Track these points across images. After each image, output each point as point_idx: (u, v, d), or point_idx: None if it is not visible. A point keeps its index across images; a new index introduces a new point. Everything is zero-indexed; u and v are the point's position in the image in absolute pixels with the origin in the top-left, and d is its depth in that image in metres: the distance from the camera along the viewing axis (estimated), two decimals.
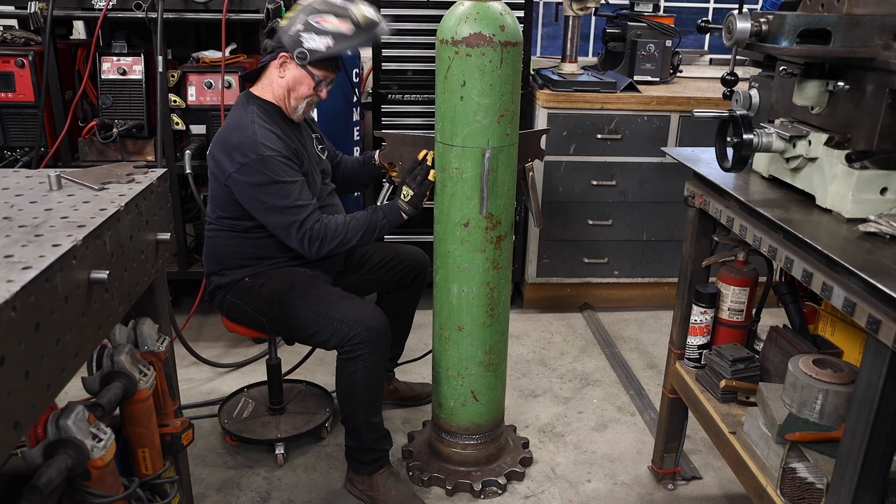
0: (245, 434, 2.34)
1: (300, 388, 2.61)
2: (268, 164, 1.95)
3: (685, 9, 3.95)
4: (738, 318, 1.93)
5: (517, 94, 1.93)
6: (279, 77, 2.06)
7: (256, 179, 1.96)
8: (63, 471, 1.09)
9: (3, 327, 0.85)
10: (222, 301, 2.18)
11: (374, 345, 1.97)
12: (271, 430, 2.36)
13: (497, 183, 1.95)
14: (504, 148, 1.93)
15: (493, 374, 2.16)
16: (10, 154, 2.75)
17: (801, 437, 1.48)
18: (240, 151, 1.96)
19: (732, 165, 1.59)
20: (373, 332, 1.96)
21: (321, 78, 2.05)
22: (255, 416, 2.44)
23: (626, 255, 3.30)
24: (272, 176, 1.96)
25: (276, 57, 2.04)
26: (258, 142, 1.96)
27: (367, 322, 1.97)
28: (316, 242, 2.00)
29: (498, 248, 2.02)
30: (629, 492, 2.21)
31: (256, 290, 2.10)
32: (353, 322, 1.96)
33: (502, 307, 2.11)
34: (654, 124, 3.09)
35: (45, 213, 1.20)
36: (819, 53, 1.41)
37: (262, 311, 2.10)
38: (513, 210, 2.06)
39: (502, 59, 1.83)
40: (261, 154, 1.95)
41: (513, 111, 1.92)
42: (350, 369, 1.99)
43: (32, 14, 2.55)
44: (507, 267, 2.07)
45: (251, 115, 2.02)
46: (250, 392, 2.57)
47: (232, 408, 2.48)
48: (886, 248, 1.28)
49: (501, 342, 2.16)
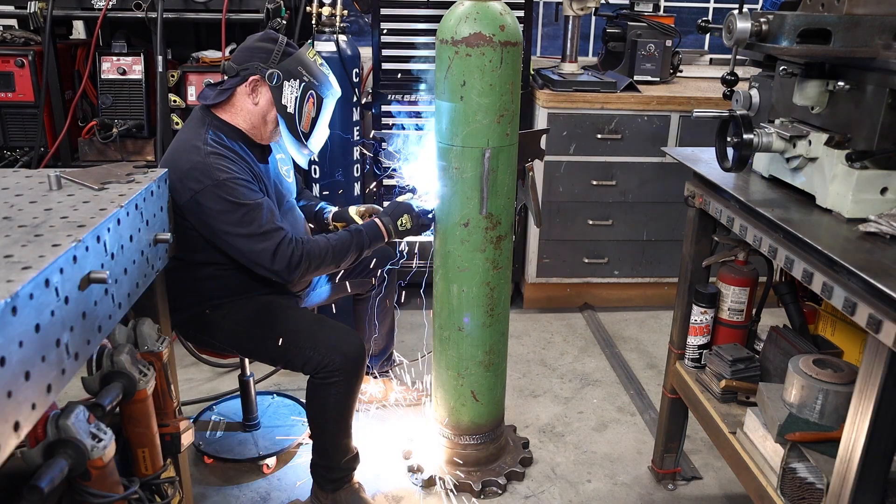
0: (224, 455, 2.26)
1: (270, 400, 2.54)
2: (225, 188, 1.78)
3: (685, 9, 3.94)
4: (738, 318, 1.92)
5: (517, 94, 1.93)
6: (252, 104, 1.91)
7: (216, 206, 1.79)
8: (63, 471, 1.09)
9: (3, 327, 0.85)
10: (186, 334, 2.07)
11: (350, 372, 1.90)
12: (250, 449, 2.28)
13: (497, 183, 1.95)
14: (504, 148, 1.93)
15: (493, 374, 2.16)
16: (10, 154, 2.75)
17: (801, 437, 1.48)
18: (192, 177, 1.78)
19: (732, 165, 1.59)
20: (349, 359, 1.89)
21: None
22: (229, 433, 2.35)
23: (626, 255, 3.30)
24: (232, 200, 1.79)
25: (245, 81, 1.89)
26: (211, 164, 1.79)
27: (344, 349, 1.89)
28: (297, 270, 1.85)
29: (498, 248, 2.02)
30: (629, 492, 2.21)
31: (218, 322, 1.97)
32: (326, 349, 1.88)
33: (502, 307, 2.11)
34: (654, 124, 3.09)
35: (45, 213, 1.20)
36: (819, 53, 1.41)
37: (229, 343, 2.01)
38: (513, 210, 2.06)
39: (502, 59, 1.83)
40: (216, 179, 1.78)
41: (513, 111, 1.92)
42: (322, 394, 1.93)
43: (32, 14, 2.55)
44: (507, 267, 2.07)
45: (203, 136, 1.85)
46: (218, 409, 2.48)
47: (203, 427, 2.38)
48: (886, 248, 1.28)
49: (501, 342, 2.16)
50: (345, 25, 2.80)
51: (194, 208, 1.80)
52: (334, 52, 2.74)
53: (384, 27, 3.02)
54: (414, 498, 2.16)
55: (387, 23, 3.02)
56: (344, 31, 2.80)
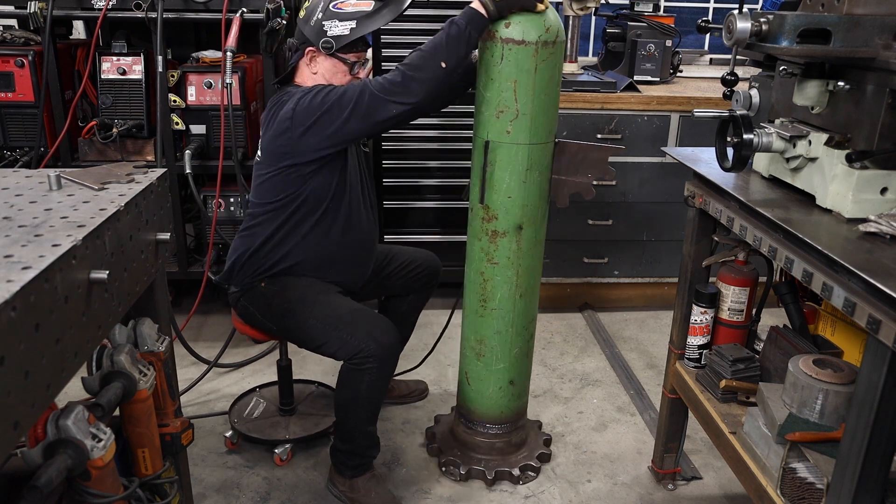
0: (254, 434, 2.34)
1: (312, 389, 2.61)
2: (317, 89, 1.91)
3: (685, 9, 3.95)
4: (738, 318, 1.93)
5: (529, 94, 1.89)
6: (312, 73, 2.02)
7: (310, 98, 1.89)
8: (63, 471, 1.08)
9: (3, 327, 0.85)
10: (236, 301, 2.17)
11: (384, 360, 1.95)
12: (280, 431, 2.36)
13: (494, 178, 1.96)
14: (503, 145, 1.93)
15: (483, 365, 2.18)
16: (10, 154, 2.75)
17: (801, 437, 1.48)
18: (292, 97, 1.93)
19: (732, 165, 1.59)
20: (384, 347, 1.94)
21: (354, 60, 2.02)
22: (265, 416, 2.44)
23: (626, 255, 3.30)
24: (324, 91, 1.90)
25: (304, 54, 2.01)
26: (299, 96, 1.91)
27: (379, 337, 1.94)
28: (405, 84, 1.83)
29: (493, 243, 2.04)
30: (629, 492, 2.21)
31: (269, 297, 2.08)
32: (363, 335, 1.93)
33: (498, 305, 2.11)
34: (654, 124, 3.09)
35: (45, 213, 1.20)
36: (819, 53, 1.41)
37: (273, 319, 2.08)
38: (519, 213, 2.02)
39: (503, 55, 1.85)
40: (310, 88, 1.93)
41: (516, 109, 1.90)
42: (356, 379, 1.96)
43: (32, 14, 2.54)
44: (508, 267, 2.07)
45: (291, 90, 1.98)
46: (262, 392, 2.58)
47: (243, 407, 2.49)
48: (886, 248, 1.28)
49: (496, 340, 2.16)
50: None
51: (298, 113, 1.89)
52: None
53: (384, 27, 3.01)
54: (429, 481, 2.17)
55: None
56: None
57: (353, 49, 2.01)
